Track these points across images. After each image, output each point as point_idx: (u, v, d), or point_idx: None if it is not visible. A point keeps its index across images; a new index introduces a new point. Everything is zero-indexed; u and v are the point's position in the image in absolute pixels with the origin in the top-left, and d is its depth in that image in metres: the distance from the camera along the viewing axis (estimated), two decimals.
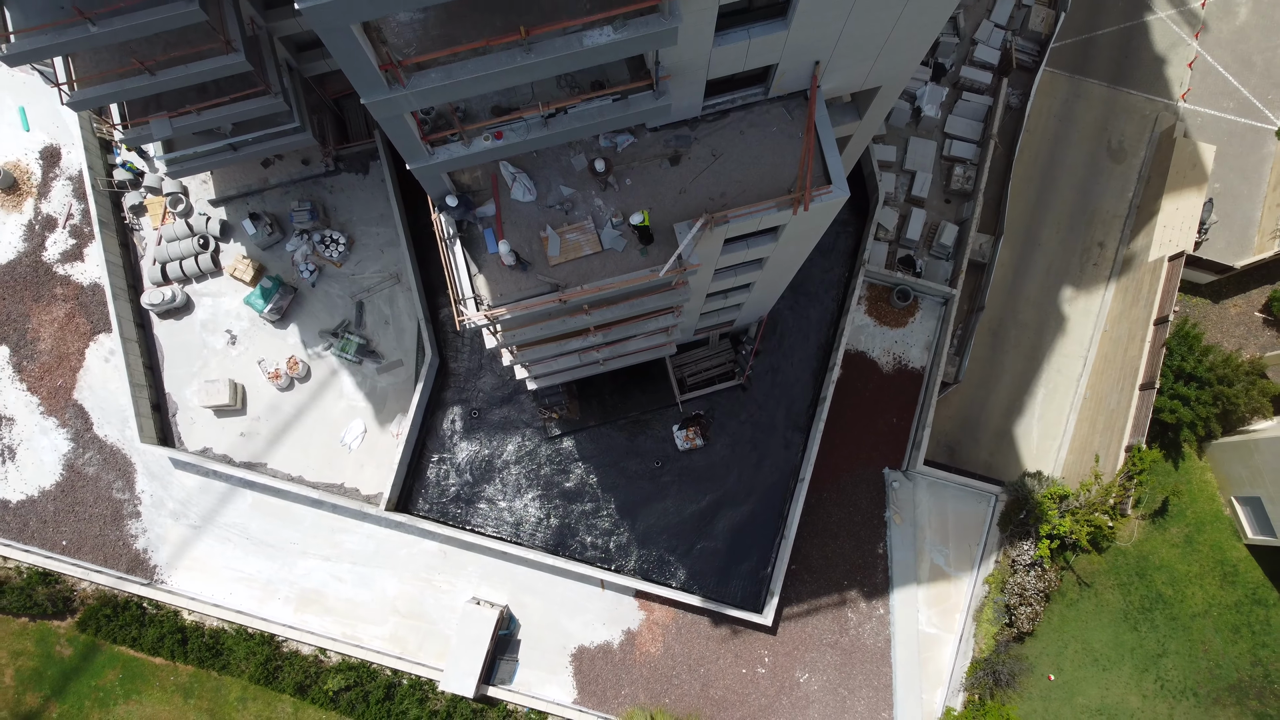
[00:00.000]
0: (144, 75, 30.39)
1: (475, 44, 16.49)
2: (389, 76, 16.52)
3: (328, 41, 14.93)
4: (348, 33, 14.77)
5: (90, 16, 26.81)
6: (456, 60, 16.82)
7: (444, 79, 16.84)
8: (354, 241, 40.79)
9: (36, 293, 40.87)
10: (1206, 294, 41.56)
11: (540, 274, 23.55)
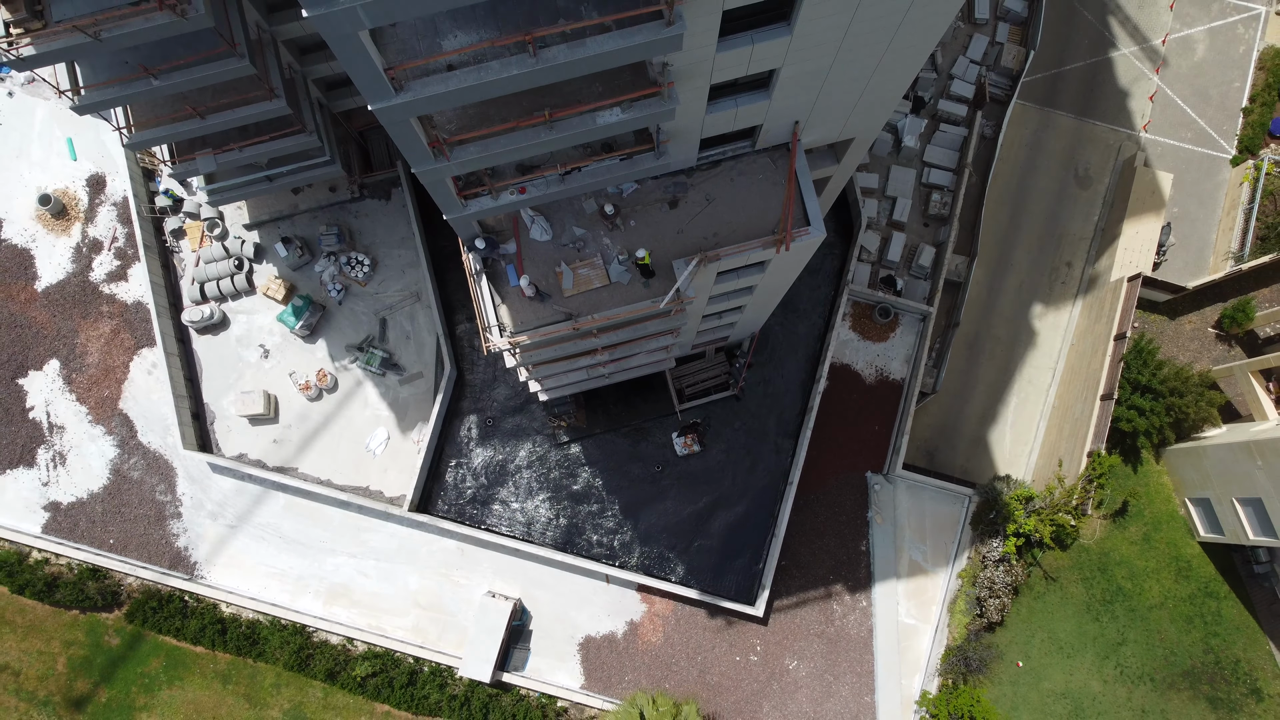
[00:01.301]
0: (195, 119, 33.71)
1: (506, 125, 19.89)
2: (435, 152, 19.93)
3: (390, 130, 18.31)
4: (406, 125, 18.15)
5: (153, 72, 30.14)
6: (491, 137, 20.20)
7: (480, 152, 20.23)
8: (377, 263, 44.13)
9: (84, 310, 44.21)
10: (1164, 311, 44.93)
11: (556, 304, 26.95)
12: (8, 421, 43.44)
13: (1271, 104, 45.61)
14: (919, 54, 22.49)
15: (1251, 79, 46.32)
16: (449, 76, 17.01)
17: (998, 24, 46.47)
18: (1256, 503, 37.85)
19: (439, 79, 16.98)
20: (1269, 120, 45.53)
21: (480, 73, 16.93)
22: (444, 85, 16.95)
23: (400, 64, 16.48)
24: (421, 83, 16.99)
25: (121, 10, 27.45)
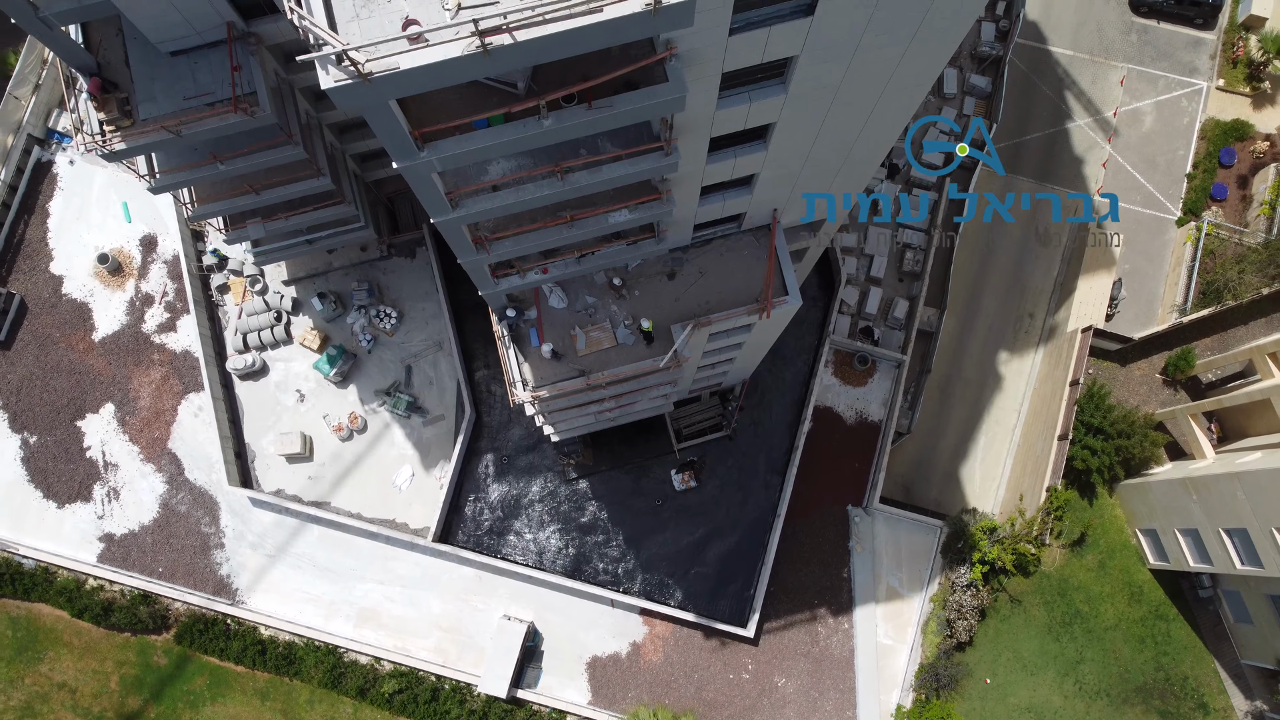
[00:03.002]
0: (251, 195, 38.36)
1: (535, 225, 24.50)
2: (478, 246, 24.52)
3: (444, 232, 22.87)
4: (458, 228, 22.73)
5: (221, 159, 34.84)
6: (522, 234, 24.80)
7: (514, 247, 24.84)
8: (404, 315, 48.66)
9: (137, 358, 48.69)
10: (1115, 359, 49.44)
11: (571, 363, 31.46)
12: (67, 460, 47.78)
13: (1213, 170, 50.40)
14: (873, 161, 27.24)
15: (1194, 148, 51.16)
16: (494, 196, 21.60)
17: (965, 98, 51.37)
18: (1194, 533, 42.15)
19: (486, 198, 21.57)
20: (1210, 185, 50.31)
21: (519, 193, 21.53)
22: (490, 203, 21.53)
23: (457, 189, 21.09)
24: (473, 200, 21.58)
25: (200, 111, 32.24)
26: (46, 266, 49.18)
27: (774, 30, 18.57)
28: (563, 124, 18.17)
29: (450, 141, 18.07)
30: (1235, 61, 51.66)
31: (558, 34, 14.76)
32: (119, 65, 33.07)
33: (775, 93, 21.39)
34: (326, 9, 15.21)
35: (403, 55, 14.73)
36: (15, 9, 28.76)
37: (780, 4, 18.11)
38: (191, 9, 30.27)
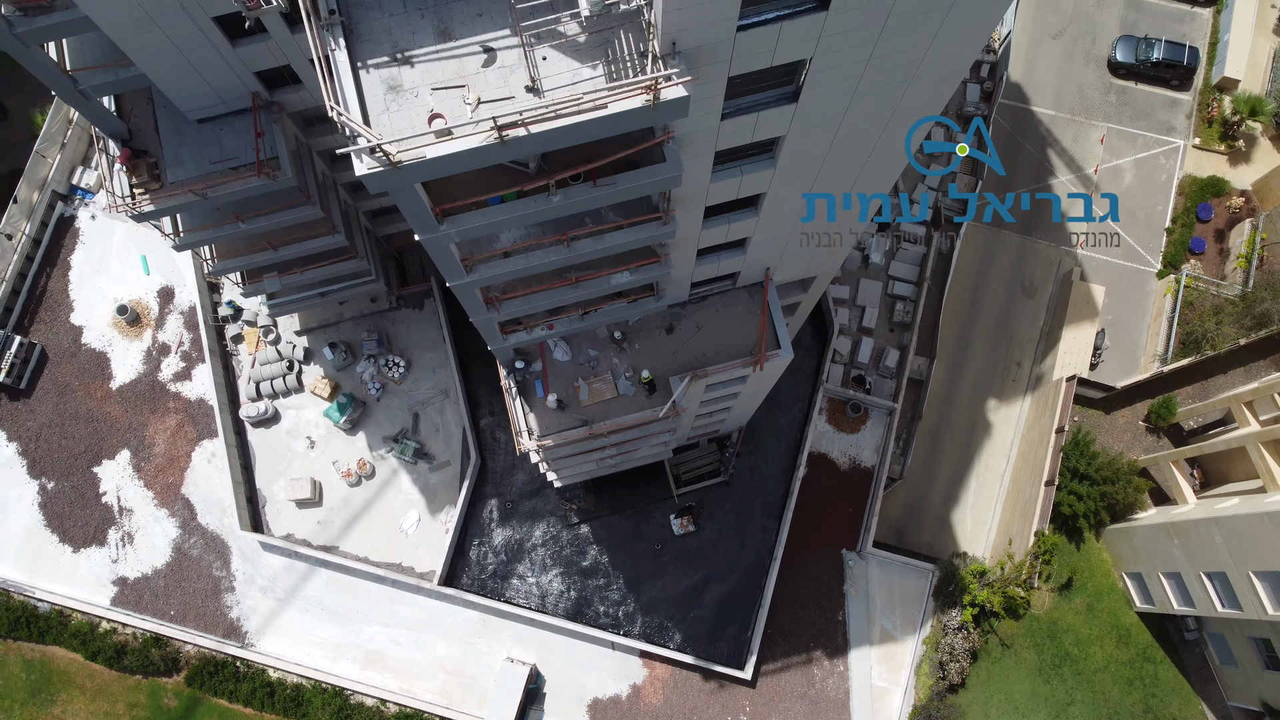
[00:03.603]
0: (269, 251, 40.21)
1: (543, 286, 26.25)
2: (489, 306, 26.25)
3: (458, 294, 24.58)
4: (471, 290, 24.46)
5: (242, 219, 36.71)
6: (530, 295, 26.54)
7: (522, 306, 26.59)
8: (411, 364, 50.33)
9: (153, 406, 50.26)
10: (1100, 406, 51.02)
11: (575, 413, 33.06)
12: (83, 505, 49.16)
13: (1191, 225, 52.37)
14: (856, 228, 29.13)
15: (1173, 203, 53.16)
16: (505, 261, 23.35)
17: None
18: (1177, 576, 43.42)
19: (498, 264, 23.32)
20: (1189, 239, 52.25)
21: (528, 259, 23.30)
22: (502, 268, 23.29)
23: (471, 256, 22.85)
24: (486, 265, 23.32)
25: (224, 175, 34.19)
26: (67, 317, 50.95)
27: (762, 115, 20.46)
28: (570, 200, 19.96)
29: (468, 216, 19.85)
30: (1210, 121, 53.87)
31: (567, 127, 16.60)
32: (148, 132, 35.06)
33: (765, 167, 23.26)
34: (360, 104, 17.03)
35: (428, 146, 16.53)
36: (57, 82, 30.80)
37: (767, 92, 20.00)
38: (220, 81, 32.27)
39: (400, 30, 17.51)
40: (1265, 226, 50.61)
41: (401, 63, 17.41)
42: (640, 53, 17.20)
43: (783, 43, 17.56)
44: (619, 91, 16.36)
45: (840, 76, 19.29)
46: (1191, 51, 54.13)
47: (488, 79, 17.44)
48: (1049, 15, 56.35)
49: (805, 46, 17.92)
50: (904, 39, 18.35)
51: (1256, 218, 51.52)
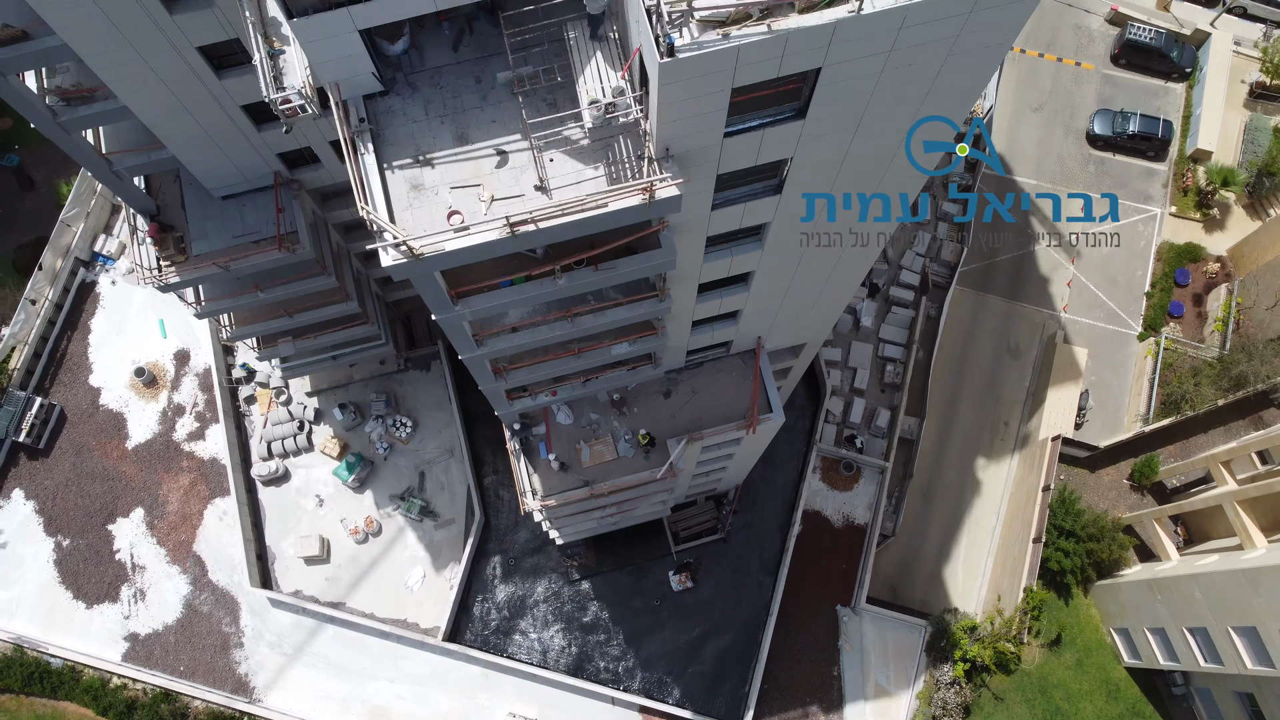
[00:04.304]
0: (285, 318, 42.12)
1: (547, 357, 28.07)
2: (497, 375, 28.06)
3: (469, 365, 26.40)
4: (482, 362, 26.29)
5: (261, 288, 38.64)
6: (536, 364, 28.36)
7: (528, 375, 28.40)
8: (418, 424, 52.01)
9: (167, 465, 51.84)
10: (1085, 465, 52.60)
11: (577, 473, 34.71)
12: (97, 562, 50.50)
13: (1169, 289, 54.44)
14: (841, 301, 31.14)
15: (1152, 268, 55.31)
16: (513, 336, 25.20)
17: (938, 223, 55.78)
18: (1161, 631, 44.65)
19: (506, 338, 25.16)
20: (1168, 303, 54.25)
21: (534, 334, 25.15)
22: (510, 342, 25.14)
23: (482, 333, 24.71)
24: (495, 340, 25.17)
25: (246, 249, 36.21)
26: (86, 379, 52.76)
27: (749, 205, 22.50)
28: (574, 283, 21.86)
29: (480, 298, 21.73)
30: (1186, 190, 56.22)
31: (572, 222, 18.56)
32: (175, 207, 37.17)
33: (753, 249, 25.26)
34: (387, 202, 18.99)
35: (447, 240, 18.46)
36: (94, 165, 32.99)
37: (753, 185, 22.04)
38: (245, 162, 34.45)
39: (422, 135, 19.55)
40: (1240, 291, 52.68)
41: (423, 164, 19.41)
42: (638, 155, 19.21)
43: (765, 146, 19.62)
44: (618, 192, 18.34)
45: (820, 171, 21.33)
46: (1166, 125, 56.69)
47: (501, 178, 19.43)
48: (1029, 90, 59.04)
49: (786, 148, 19.98)
50: (875, 140, 20.42)
51: (1232, 283, 53.60)
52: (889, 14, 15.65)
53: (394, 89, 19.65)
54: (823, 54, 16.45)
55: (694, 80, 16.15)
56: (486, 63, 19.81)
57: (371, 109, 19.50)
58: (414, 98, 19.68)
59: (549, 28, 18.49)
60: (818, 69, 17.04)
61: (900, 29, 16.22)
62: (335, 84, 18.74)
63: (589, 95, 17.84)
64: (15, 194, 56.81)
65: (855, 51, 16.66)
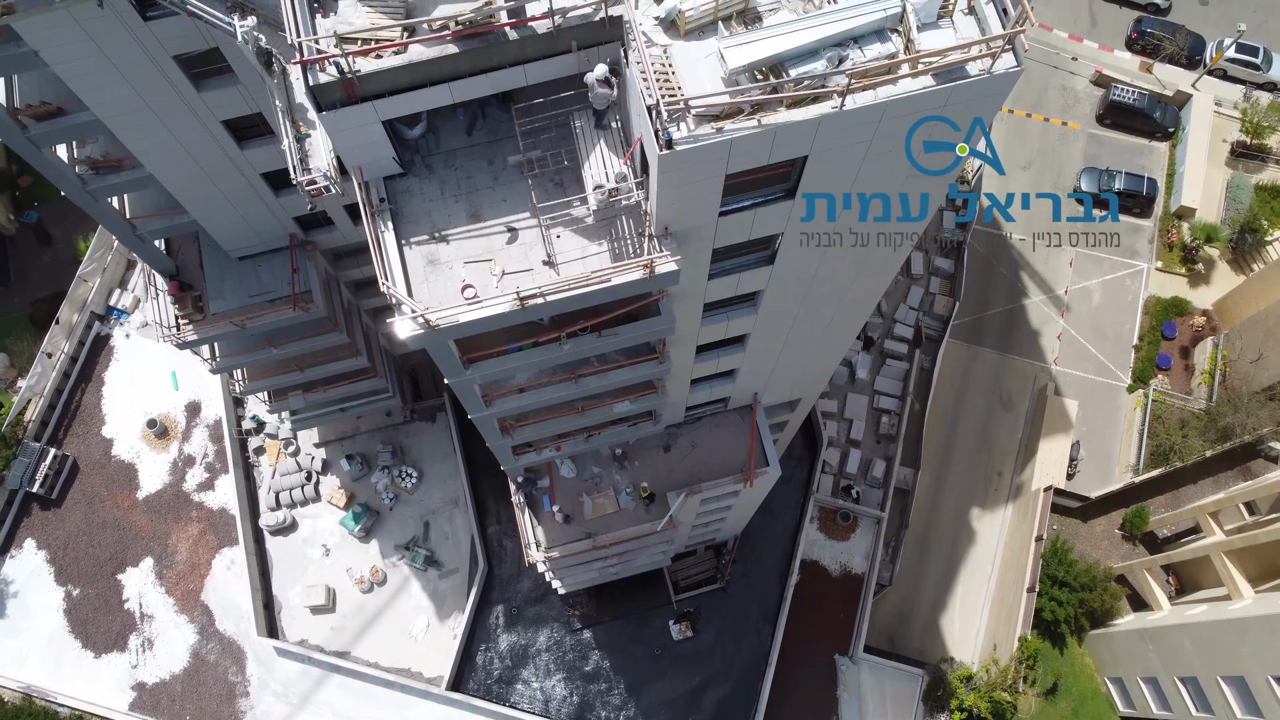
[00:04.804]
0: (296, 372, 43.43)
1: (552, 415, 29.33)
2: (503, 432, 29.29)
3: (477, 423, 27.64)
4: (490, 421, 27.53)
5: (275, 345, 40.00)
6: (541, 422, 29.61)
7: (533, 433, 29.64)
8: (424, 474, 53.07)
9: (177, 515, 52.83)
10: (1077, 515, 53.60)
11: (579, 525, 35.79)
12: (106, 612, 51.29)
13: (1157, 342, 55.82)
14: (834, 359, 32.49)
15: (1139, 322, 56.74)
16: (520, 397, 26.48)
17: (930, 278, 57.32)
18: (1154, 681, 45.35)
19: (514, 399, 26.42)
20: (1155, 355, 55.61)
21: (540, 395, 26.43)
22: (517, 403, 26.41)
23: (490, 394, 26.00)
24: (503, 400, 26.45)
25: (262, 308, 37.62)
26: (99, 430, 53.95)
27: (743, 275, 23.89)
28: (579, 349, 23.20)
29: (490, 363, 23.04)
30: (1171, 246, 57.84)
31: (578, 295, 19.91)
32: (193, 267, 38.65)
33: (748, 313, 26.62)
34: (404, 276, 20.35)
35: (461, 312, 19.79)
36: (119, 229, 34.50)
37: (747, 256, 23.45)
38: (262, 225, 35.98)
39: (438, 213, 20.97)
40: (1226, 345, 54.04)
41: (439, 240, 20.81)
42: (639, 232, 20.62)
43: (758, 223, 21.06)
44: (621, 268, 19.73)
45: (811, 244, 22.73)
46: (1150, 182, 58.49)
47: (511, 254, 20.81)
48: (1018, 148, 60.91)
49: (777, 224, 21.42)
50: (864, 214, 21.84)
51: (1218, 336, 54.98)
52: (869, 109, 17.15)
53: (412, 170, 21.09)
54: (809, 144, 17.91)
55: (691, 169, 17.59)
56: (498, 145, 21.29)
57: (391, 189, 20.93)
58: (430, 178, 21.13)
59: (557, 116, 20.00)
60: (805, 156, 18.50)
61: (880, 121, 17.71)
62: (358, 167, 20.19)
63: (594, 180, 19.29)
64: (34, 249, 58.46)
65: (840, 141, 18.15)
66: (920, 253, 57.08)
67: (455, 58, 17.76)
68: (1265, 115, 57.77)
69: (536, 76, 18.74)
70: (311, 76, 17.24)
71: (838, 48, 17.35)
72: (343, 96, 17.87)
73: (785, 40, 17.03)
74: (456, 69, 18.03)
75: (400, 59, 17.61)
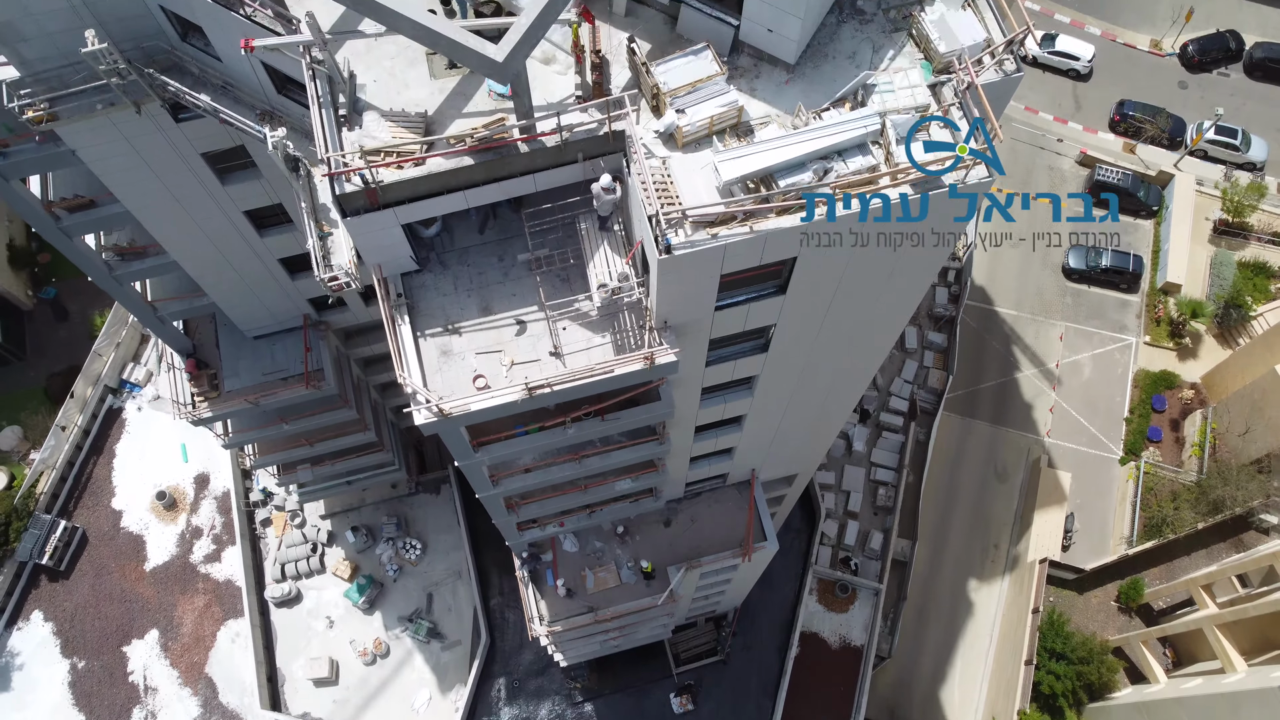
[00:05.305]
0: (305, 447, 44.54)
1: (556, 493, 30.39)
2: (509, 510, 30.32)
3: (484, 502, 28.68)
4: (496, 499, 28.58)
5: (286, 421, 41.17)
6: (544, 500, 30.65)
7: (538, 509, 30.66)
8: (427, 546, 53.78)
9: (183, 586, 53.43)
10: (1073, 587, 54.19)
11: (582, 600, 36.56)
12: (111, 684, 51.60)
13: (1147, 415, 56.96)
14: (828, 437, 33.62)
15: (1129, 395, 57.98)
16: (526, 476, 27.58)
17: (924, 352, 58.71)
18: None
19: (520, 478, 27.52)
20: (1146, 428, 56.70)
21: (545, 475, 27.53)
22: (523, 482, 27.50)
23: (497, 475, 27.11)
24: (509, 480, 27.53)
25: (275, 386, 38.89)
26: (109, 502, 54.85)
27: (739, 361, 25.18)
28: (583, 432, 24.38)
29: (499, 446, 24.19)
30: (1158, 320, 59.34)
31: (583, 385, 21.16)
32: (209, 346, 40.04)
33: (744, 396, 27.84)
34: (419, 367, 21.62)
35: (472, 401, 21.02)
36: (140, 311, 35.94)
37: (742, 345, 24.76)
38: (278, 306, 37.43)
39: (451, 307, 22.30)
40: (1214, 417, 55.18)
41: (452, 332, 22.11)
42: (640, 324, 21.94)
43: (752, 316, 22.40)
44: (623, 360, 21.01)
45: (800, 335, 24.09)
46: (1136, 259, 60.24)
47: (520, 345, 22.09)
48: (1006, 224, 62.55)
49: (770, 316, 22.76)
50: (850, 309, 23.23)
51: (1206, 409, 56.14)
52: (852, 216, 18.57)
53: (428, 266, 22.51)
54: (798, 247, 19.32)
55: (688, 270, 18.95)
56: (508, 243, 22.72)
57: (407, 284, 22.30)
58: (445, 274, 22.52)
59: (563, 219, 21.47)
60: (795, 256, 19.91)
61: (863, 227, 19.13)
62: (378, 265, 21.60)
63: (598, 279, 20.66)
64: (50, 324, 59.97)
65: (826, 243, 19.54)
66: (914, 327, 58.51)
67: (471, 169, 19.24)
68: (1245, 194, 59.73)
69: (545, 184, 20.23)
70: (338, 186, 18.71)
71: (823, 160, 18.85)
72: (366, 204, 19.34)
73: (775, 155, 18.52)
74: (471, 179, 19.51)
75: (420, 170, 19.12)
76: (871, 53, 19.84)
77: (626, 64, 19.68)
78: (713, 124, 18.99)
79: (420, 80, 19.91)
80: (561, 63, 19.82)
